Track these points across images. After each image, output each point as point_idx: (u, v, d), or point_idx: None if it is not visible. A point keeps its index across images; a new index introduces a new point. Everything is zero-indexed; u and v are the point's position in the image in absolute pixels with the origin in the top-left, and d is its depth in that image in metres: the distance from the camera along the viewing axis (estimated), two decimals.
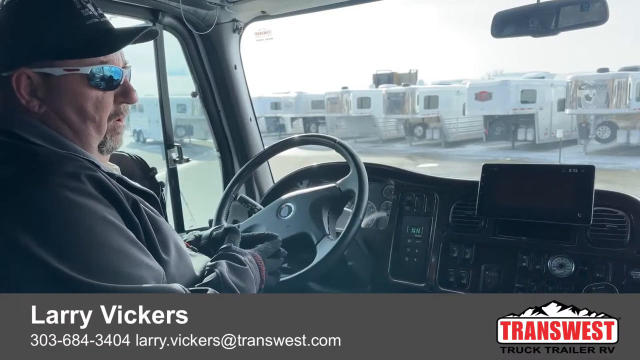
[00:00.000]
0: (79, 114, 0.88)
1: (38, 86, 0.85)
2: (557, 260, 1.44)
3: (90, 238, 0.77)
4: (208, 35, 1.84)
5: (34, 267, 0.73)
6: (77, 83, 0.87)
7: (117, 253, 0.79)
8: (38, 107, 0.86)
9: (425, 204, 1.68)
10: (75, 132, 0.89)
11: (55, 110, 0.87)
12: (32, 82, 0.85)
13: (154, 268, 0.84)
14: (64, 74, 0.86)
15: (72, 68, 0.86)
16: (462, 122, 18.77)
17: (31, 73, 0.84)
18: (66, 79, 0.86)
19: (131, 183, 0.93)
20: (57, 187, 0.77)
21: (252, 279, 1.03)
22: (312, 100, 21.45)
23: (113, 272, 0.77)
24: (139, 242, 0.84)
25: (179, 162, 1.85)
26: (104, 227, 0.79)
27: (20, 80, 0.84)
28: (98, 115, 0.90)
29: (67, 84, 0.86)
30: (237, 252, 1.07)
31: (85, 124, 0.89)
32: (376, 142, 19.54)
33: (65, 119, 0.87)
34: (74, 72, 0.86)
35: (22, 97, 0.84)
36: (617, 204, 1.42)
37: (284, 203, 1.51)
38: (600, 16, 1.35)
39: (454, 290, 1.56)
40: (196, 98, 1.98)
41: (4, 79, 0.85)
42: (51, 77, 0.85)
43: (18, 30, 0.85)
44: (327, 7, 1.81)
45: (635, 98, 14.66)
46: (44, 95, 0.86)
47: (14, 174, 0.78)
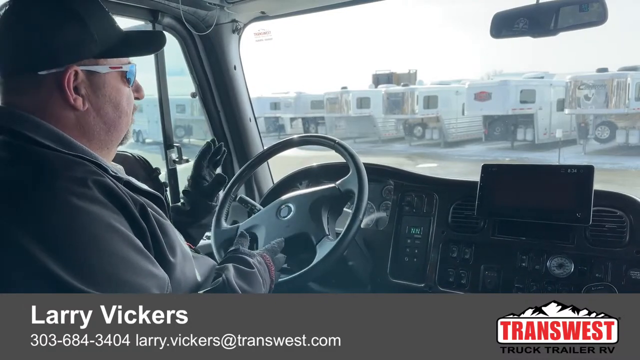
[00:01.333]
0: (115, 109, 0.92)
1: (82, 84, 0.87)
2: (556, 260, 1.44)
3: (95, 245, 0.77)
4: (207, 36, 1.84)
5: (36, 273, 0.72)
6: (117, 80, 0.92)
7: (121, 261, 0.78)
8: (82, 105, 0.88)
9: (425, 204, 1.68)
10: (109, 127, 0.92)
11: (95, 107, 0.90)
12: (77, 79, 0.87)
13: (158, 276, 0.84)
14: (110, 71, 0.90)
15: (116, 66, 0.91)
16: (462, 122, 18.78)
17: (79, 70, 0.86)
18: (109, 76, 0.90)
19: (138, 186, 0.93)
20: (63, 192, 0.77)
21: (260, 282, 1.04)
22: (311, 100, 21.43)
23: (116, 281, 0.77)
24: (144, 250, 0.83)
25: (179, 162, 1.84)
26: (108, 235, 0.79)
27: (70, 78, 0.85)
28: (129, 110, 0.96)
29: (110, 81, 0.91)
30: (245, 254, 1.08)
31: (120, 118, 0.94)
32: (375, 142, 19.55)
33: (103, 115, 0.91)
34: (117, 70, 0.91)
35: (70, 94, 0.86)
36: (616, 204, 1.42)
37: (284, 203, 1.51)
38: (599, 17, 1.35)
39: (453, 290, 1.56)
40: (195, 98, 1.98)
41: (47, 76, 0.85)
42: (96, 75, 0.88)
43: (65, 28, 0.85)
44: (327, 7, 1.81)
45: (635, 98, 14.67)
46: (88, 93, 0.88)
47: (21, 177, 0.78)
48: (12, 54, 0.86)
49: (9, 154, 0.81)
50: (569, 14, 1.38)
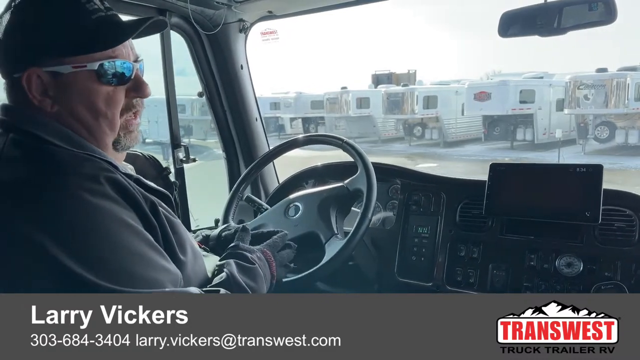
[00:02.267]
0: (90, 110, 0.87)
1: (49, 85, 0.85)
2: (565, 260, 1.44)
3: (107, 240, 0.77)
4: (215, 35, 1.84)
5: (50, 269, 0.73)
6: (87, 80, 0.86)
7: (134, 256, 0.79)
8: (50, 107, 0.85)
9: (432, 203, 1.68)
10: (89, 130, 0.88)
11: (67, 109, 0.86)
12: (43, 81, 0.84)
13: (171, 271, 0.84)
14: (73, 71, 0.85)
15: (80, 65, 0.85)
16: (461, 122, 18.80)
17: (40, 72, 0.84)
18: (75, 76, 0.85)
19: (148, 184, 0.93)
20: (75, 189, 0.77)
21: (262, 277, 1.03)
22: (311, 100, 21.43)
23: (129, 275, 0.77)
24: (156, 245, 0.84)
25: (186, 161, 1.84)
26: (121, 230, 0.79)
27: (31, 80, 0.84)
28: (110, 112, 0.89)
29: (77, 81, 0.86)
30: (245, 250, 1.07)
31: (97, 120, 0.88)
32: (375, 142, 19.55)
33: (78, 117, 0.87)
34: (82, 69, 0.85)
35: (33, 97, 0.84)
36: (625, 203, 1.42)
37: (292, 202, 1.51)
38: (607, 16, 1.35)
39: (461, 289, 1.56)
40: (195, 99, 1.98)
41: (16, 80, 0.85)
42: (61, 75, 0.85)
43: (24, 30, 0.84)
44: (333, 7, 1.81)
45: (634, 98, 14.70)
46: (55, 94, 0.85)
47: (33, 176, 0.78)
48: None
49: (21, 153, 0.81)
50: (577, 13, 1.38)
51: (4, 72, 0.88)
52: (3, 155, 0.81)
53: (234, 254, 1.05)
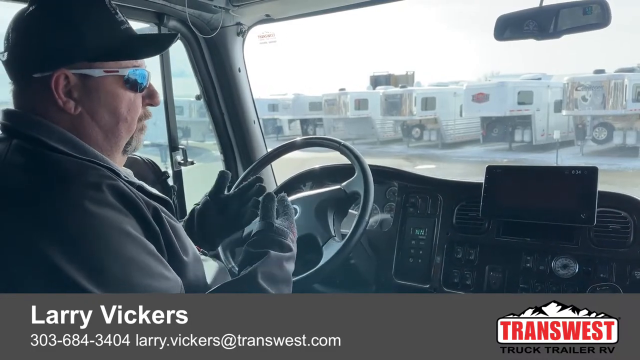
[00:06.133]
0: (112, 115, 0.89)
1: (75, 87, 0.86)
2: (561, 261, 1.45)
3: (109, 249, 0.77)
4: (212, 39, 1.84)
5: (52, 276, 0.73)
6: (114, 85, 0.88)
7: (133, 264, 0.79)
8: (74, 109, 0.86)
9: (429, 205, 1.69)
10: (106, 133, 0.90)
11: (89, 112, 0.87)
12: (69, 83, 0.85)
13: (170, 279, 0.84)
14: (104, 75, 0.87)
15: (112, 70, 0.88)
16: (460, 123, 18.82)
17: (70, 74, 0.85)
18: (104, 80, 0.87)
19: (150, 190, 0.93)
20: (77, 197, 0.77)
21: (290, 281, 1.02)
22: (309, 102, 21.46)
23: (128, 284, 0.78)
24: (157, 254, 0.84)
25: (184, 164, 1.85)
26: (122, 239, 0.79)
27: (59, 81, 0.84)
28: (130, 117, 0.92)
29: (105, 85, 0.88)
30: (280, 234, 1.04)
31: (118, 125, 0.90)
32: (374, 143, 19.56)
33: (98, 120, 0.88)
34: (113, 74, 0.88)
35: (59, 97, 0.85)
36: (620, 205, 1.43)
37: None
38: (602, 19, 1.35)
39: (458, 291, 1.56)
40: (193, 101, 1.99)
41: (40, 79, 0.85)
42: (89, 79, 0.86)
43: (57, 31, 0.85)
44: (331, 10, 1.81)
45: (632, 99, 14.74)
46: (80, 97, 0.86)
47: (36, 184, 0.78)
48: (12, 58, 0.87)
49: (24, 159, 0.82)
50: (571, 16, 1.39)
51: (20, 70, 0.87)
52: (6, 161, 0.81)
53: (269, 239, 1.03)
